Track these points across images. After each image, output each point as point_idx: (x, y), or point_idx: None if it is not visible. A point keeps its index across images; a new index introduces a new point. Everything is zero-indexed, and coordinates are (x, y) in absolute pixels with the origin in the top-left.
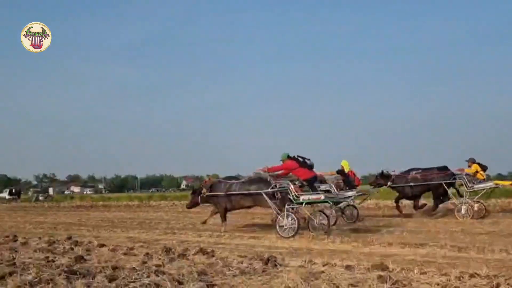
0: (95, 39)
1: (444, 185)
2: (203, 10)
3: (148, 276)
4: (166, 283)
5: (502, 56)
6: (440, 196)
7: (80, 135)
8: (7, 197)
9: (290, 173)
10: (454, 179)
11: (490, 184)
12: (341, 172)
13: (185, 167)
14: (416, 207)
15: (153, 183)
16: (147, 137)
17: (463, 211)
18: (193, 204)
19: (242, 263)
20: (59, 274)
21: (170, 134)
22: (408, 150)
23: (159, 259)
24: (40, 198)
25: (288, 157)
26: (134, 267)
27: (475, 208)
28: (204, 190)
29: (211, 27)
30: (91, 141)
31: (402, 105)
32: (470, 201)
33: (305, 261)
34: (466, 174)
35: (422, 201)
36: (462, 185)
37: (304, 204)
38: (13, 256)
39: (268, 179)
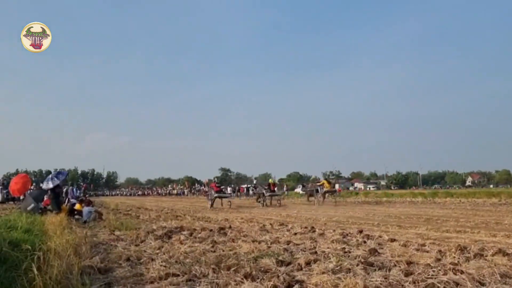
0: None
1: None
2: None
3: (444, 274)
4: (465, 282)
5: None
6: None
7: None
8: (300, 192)
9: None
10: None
11: (324, 189)
12: (268, 184)
13: (470, 163)
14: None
15: (435, 179)
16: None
17: (315, 201)
18: None
19: None
20: (357, 265)
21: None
22: None
23: (454, 257)
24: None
25: (215, 181)
26: (428, 264)
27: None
28: None
29: None
30: (371, 138)
31: None
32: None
33: None
34: (319, 184)
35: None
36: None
37: (215, 197)
38: (313, 245)
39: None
